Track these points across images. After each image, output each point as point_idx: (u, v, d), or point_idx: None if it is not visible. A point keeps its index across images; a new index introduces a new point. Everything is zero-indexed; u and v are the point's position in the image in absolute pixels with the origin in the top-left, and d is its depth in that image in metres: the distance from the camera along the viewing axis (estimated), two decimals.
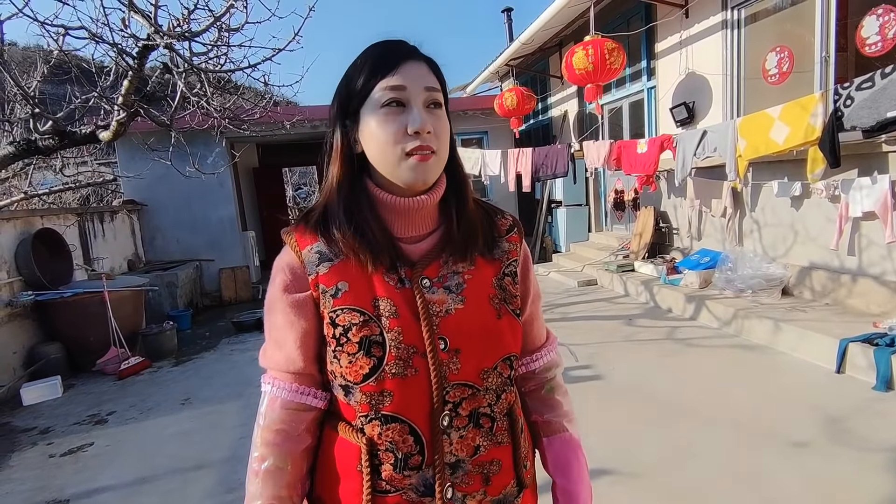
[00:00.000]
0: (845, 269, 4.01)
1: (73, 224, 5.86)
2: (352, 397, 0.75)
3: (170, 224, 8.05)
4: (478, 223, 0.82)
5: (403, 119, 0.72)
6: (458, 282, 0.77)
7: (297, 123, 6.42)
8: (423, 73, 0.75)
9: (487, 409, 0.77)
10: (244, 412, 3.61)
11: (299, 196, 19.87)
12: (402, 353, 0.72)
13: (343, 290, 0.74)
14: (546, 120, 9.25)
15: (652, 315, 5.02)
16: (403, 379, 0.72)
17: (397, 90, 0.72)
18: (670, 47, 5.81)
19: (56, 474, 2.95)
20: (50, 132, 4.19)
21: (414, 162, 0.72)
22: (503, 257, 0.83)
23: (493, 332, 0.77)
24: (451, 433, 0.74)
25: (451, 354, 0.74)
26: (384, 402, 0.73)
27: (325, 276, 0.75)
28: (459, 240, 0.79)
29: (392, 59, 0.74)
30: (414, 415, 0.73)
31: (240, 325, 6.12)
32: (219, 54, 3.56)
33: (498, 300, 0.79)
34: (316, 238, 0.77)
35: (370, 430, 0.74)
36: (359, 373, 0.72)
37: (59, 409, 3.96)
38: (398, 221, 0.78)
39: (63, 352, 4.71)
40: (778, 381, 3.28)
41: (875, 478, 2.22)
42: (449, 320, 0.74)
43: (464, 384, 0.75)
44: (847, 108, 3.47)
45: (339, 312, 0.74)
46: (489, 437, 0.77)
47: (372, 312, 0.73)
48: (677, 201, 5.97)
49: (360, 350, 0.72)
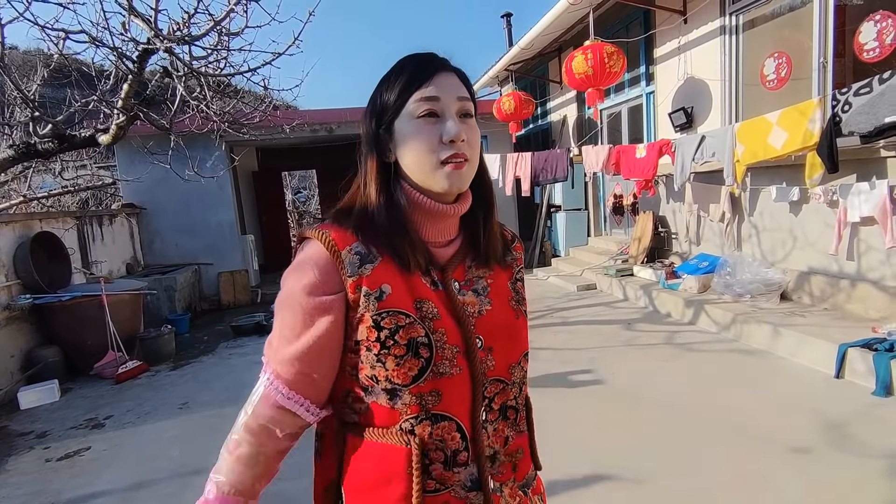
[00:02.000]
0: (844, 273, 4.02)
1: (72, 227, 5.85)
2: (398, 400, 0.74)
3: (169, 228, 8.05)
4: (498, 234, 0.88)
5: (438, 129, 0.75)
6: (483, 285, 0.83)
7: (297, 127, 6.43)
8: (455, 84, 0.78)
9: (514, 401, 0.83)
10: None
11: (298, 200, 19.87)
12: (448, 353, 0.74)
13: (387, 292, 0.74)
14: (545, 125, 9.28)
15: (651, 319, 5.01)
16: (450, 378, 0.75)
17: (432, 101, 0.75)
18: (669, 52, 5.84)
19: (52, 479, 2.93)
20: (49, 135, 4.19)
21: (449, 170, 0.75)
22: (513, 264, 0.90)
23: (516, 331, 0.84)
24: (487, 427, 0.78)
25: (487, 352, 0.79)
26: (433, 402, 0.74)
27: (368, 279, 0.73)
28: (484, 248, 0.84)
29: (426, 71, 0.77)
30: (459, 412, 0.76)
31: (238, 329, 6.11)
32: (219, 58, 3.56)
33: (515, 302, 0.86)
34: (354, 239, 0.76)
35: (420, 430, 0.74)
36: (408, 374, 0.73)
37: (56, 413, 3.94)
38: (429, 226, 0.81)
39: (61, 355, 4.69)
40: (777, 386, 3.28)
41: (876, 484, 2.21)
42: (482, 321, 0.79)
43: (497, 379, 0.80)
44: (845, 114, 3.48)
45: (384, 315, 0.73)
46: (514, 428, 0.83)
47: (415, 314, 0.74)
48: (676, 206, 5.98)
49: (409, 352, 0.72)
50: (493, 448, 0.79)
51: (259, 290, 8.47)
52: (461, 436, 0.76)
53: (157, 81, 5.01)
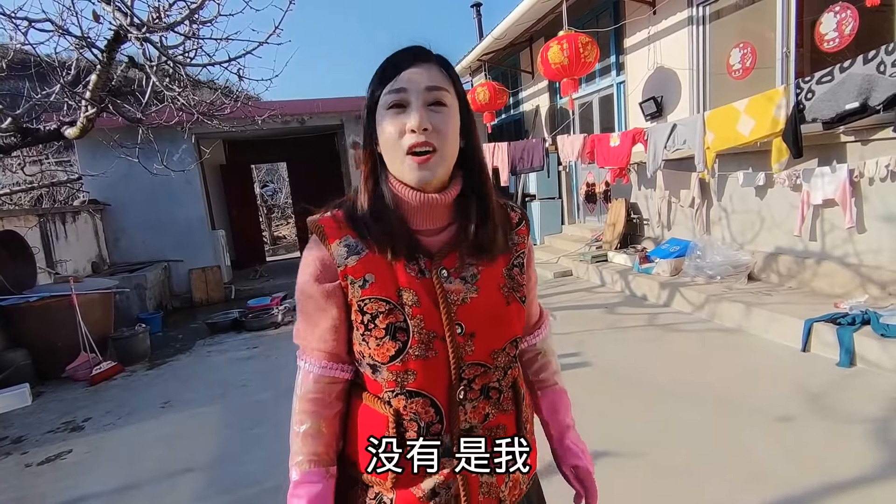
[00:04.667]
0: (809, 253, 4.24)
1: (35, 226, 5.60)
2: (379, 375, 0.83)
3: (135, 224, 7.77)
4: (499, 223, 0.88)
5: (404, 118, 0.79)
6: (472, 272, 0.85)
7: (269, 118, 6.29)
8: (428, 75, 0.81)
9: (496, 383, 0.87)
10: (229, 413, 3.54)
11: (266, 193, 19.44)
12: (424, 338, 0.80)
13: (370, 280, 0.82)
14: (518, 115, 9.36)
15: (629, 303, 5.17)
16: (425, 360, 0.81)
17: (399, 93, 0.80)
18: (639, 43, 5.98)
19: (35, 483, 2.84)
20: (11, 130, 4.00)
21: (414, 163, 0.79)
22: (513, 249, 0.91)
23: (503, 318, 0.86)
24: (465, 404, 0.84)
25: (467, 338, 0.83)
26: (408, 380, 0.82)
27: (353, 269, 0.82)
28: (480, 238, 0.85)
29: (396, 66, 0.81)
30: (434, 390, 0.82)
31: (214, 326, 5.98)
32: (193, 47, 3.46)
33: (507, 289, 0.88)
34: (344, 231, 0.84)
35: (396, 402, 0.83)
36: (385, 354, 0.81)
37: (30, 418, 3.79)
38: (415, 215, 0.85)
39: (29, 358, 4.50)
40: (751, 360, 3.45)
41: (846, 444, 2.38)
42: (465, 308, 0.83)
43: (477, 363, 0.84)
44: (808, 101, 3.67)
45: (366, 301, 0.81)
46: (496, 406, 0.88)
47: (396, 301, 0.81)
48: (648, 192, 6.16)
49: (387, 335, 0.81)
50: (470, 423, 0.85)
51: (232, 286, 8.29)
52: (435, 410, 0.83)
53: (123, 73, 4.83)
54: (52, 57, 4.55)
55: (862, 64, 3.31)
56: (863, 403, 2.72)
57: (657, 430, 2.70)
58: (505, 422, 0.89)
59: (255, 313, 6.07)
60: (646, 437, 2.64)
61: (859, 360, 3.16)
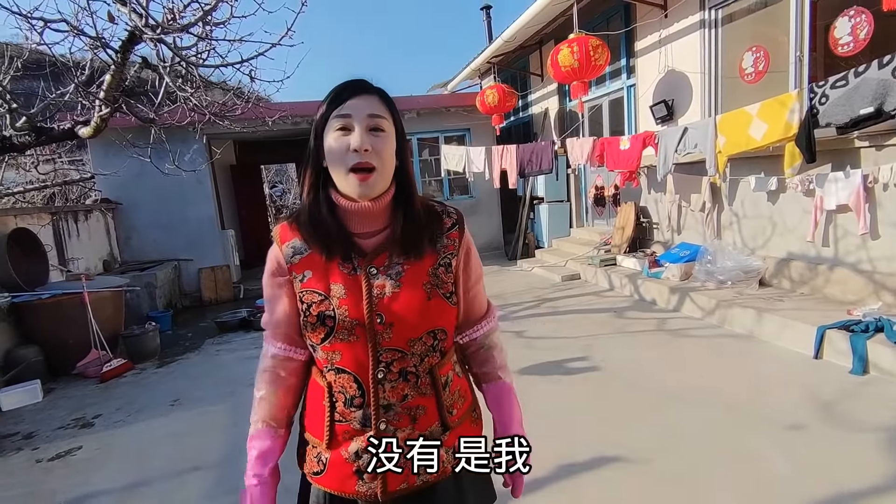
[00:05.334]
0: (822, 259, 4.19)
1: (48, 224, 5.67)
2: (316, 353, 1.02)
3: (146, 223, 7.85)
4: (422, 225, 1.01)
5: (348, 140, 0.93)
6: (398, 270, 0.98)
7: (280, 119, 6.33)
8: (369, 104, 0.95)
9: (413, 368, 0.99)
10: (237, 412, 3.56)
11: (275, 194, 19.54)
12: (347, 325, 0.95)
13: (308, 276, 0.98)
14: (527, 117, 9.35)
15: (638, 307, 5.14)
16: (349, 343, 0.96)
17: (344, 118, 0.94)
18: (650, 46, 5.95)
19: (46, 479, 2.87)
20: (26, 128, 4.05)
21: (356, 180, 0.93)
22: (441, 250, 1.03)
23: (422, 311, 0.98)
24: (385, 384, 0.97)
25: (386, 327, 0.96)
26: (335, 359, 0.98)
27: (296, 266, 1.00)
28: (405, 238, 0.99)
29: (343, 94, 0.95)
30: (356, 369, 0.97)
31: (223, 325, 6.02)
32: (207, 48, 3.49)
33: (430, 286, 1.00)
34: (293, 235, 1.01)
35: (329, 377, 1.01)
36: (318, 337, 0.98)
37: (40, 414, 3.84)
38: (353, 221, 0.99)
39: (41, 355, 4.55)
40: (762, 367, 3.42)
41: (858, 455, 2.34)
42: (385, 301, 0.96)
43: (394, 349, 0.97)
44: (822, 106, 3.63)
45: (304, 293, 0.99)
46: (415, 389, 1.00)
47: (327, 293, 0.96)
48: (658, 196, 6.12)
49: (318, 321, 0.97)
50: (389, 400, 0.98)
51: (241, 285, 8.35)
52: (357, 386, 0.98)
53: (136, 73, 4.87)
54: (66, 57, 4.62)
55: (877, 69, 3.27)
56: (876, 412, 2.68)
57: (665, 435, 2.68)
58: (425, 403, 1.01)
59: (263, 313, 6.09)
60: (653, 443, 2.61)
61: (872, 368, 3.12)
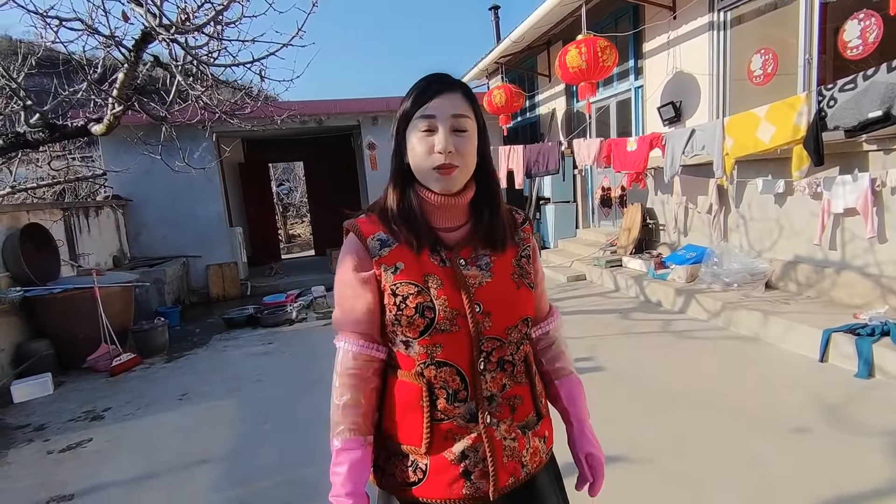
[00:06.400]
0: (829, 262, 4.18)
1: (59, 219, 5.74)
2: (411, 349, 0.97)
3: (155, 220, 7.93)
4: (504, 221, 1.05)
5: (432, 141, 0.94)
6: (486, 261, 1.00)
7: (288, 118, 6.38)
8: (453, 103, 0.95)
9: (510, 357, 1.00)
10: (244, 407, 3.61)
11: (282, 192, 19.63)
12: (448, 315, 0.94)
13: (401, 268, 0.96)
14: (534, 118, 9.35)
15: (643, 309, 5.15)
16: (450, 334, 0.94)
17: (429, 119, 0.94)
18: (658, 47, 5.95)
19: (56, 470, 2.92)
20: (40, 125, 4.11)
21: (439, 175, 0.95)
22: (520, 243, 1.07)
23: (514, 299, 1.00)
24: (485, 374, 0.97)
25: (485, 315, 0.96)
26: (437, 352, 0.95)
27: (386, 258, 0.97)
28: (488, 231, 1.02)
29: (428, 93, 0.95)
30: (459, 360, 0.95)
31: (231, 321, 6.08)
32: (219, 48, 3.53)
33: (517, 276, 1.02)
34: (377, 228, 1.00)
35: (428, 373, 0.96)
36: (416, 330, 0.94)
37: (51, 406, 3.90)
38: (437, 215, 1.01)
39: (52, 349, 4.62)
40: (767, 370, 3.42)
41: (862, 458, 2.35)
42: (481, 290, 0.97)
43: (494, 338, 0.97)
44: (830, 109, 3.62)
45: (398, 285, 0.96)
46: (511, 378, 1.00)
47: (423, 285, 0.95)
48: (664, 198, 6.11)
49: (416, 313, 0.94)
50: (491, 391, 0.97)
51: (248, 282, 8.41)
52: (461, 379, 0.96)
53: (148, 71, 4.93)
54: (79, 55, 4.69)
55: (886, 72, 3.26)
56: (881, 416, 2.68)
57: (668, 437, 2.70)
58: (521, 392, 1.02)
59: (271, 310, 6.15)
60: (657, 444, 2.63)
61: (878, 372, 3.12)
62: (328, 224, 11.16)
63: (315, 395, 3.60)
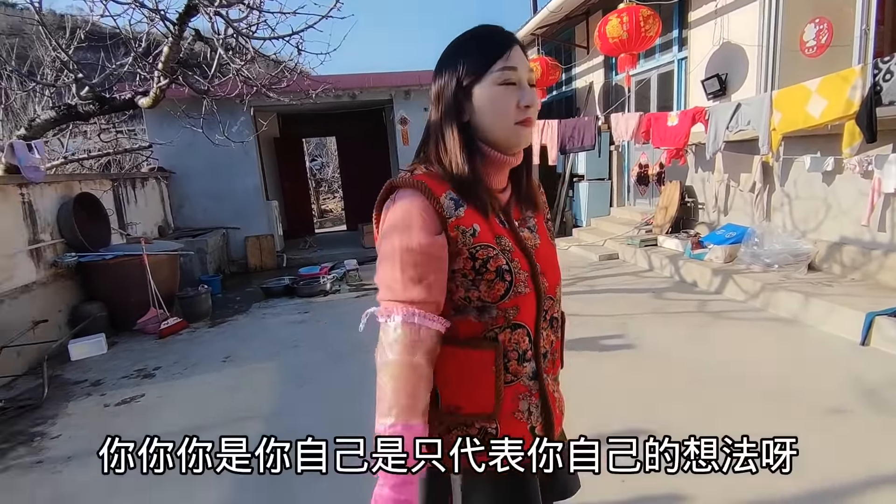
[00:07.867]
0: (876, 244, 4.02)
1: (109, 190, 6.01)
2: (486, 314, 0.93)
3: (197, 192, 8.19)
4: (537, 183, 1.08)
5: (516, 95, 0.90)
6: (532, 224, 1.03)
7: (323, 92, 6.44)
8: (523, 57, 0.93)
9: (557, 313, 1.05)
10: (282, 371, 3.78)
11: (314, 167, 19.88)
12: (521, 277, 0.94)
13: (478, 230, 0.91)
14: (570, 91, 9.15)
15: (677, 288, 5.07)
16: (524, 296, 0.94)
17: (511, 71, 0.90)
18: (705, 16, 5.70)
19: (114, 422, 3.15)
20: (90, 98, 4.29)
21: (522, 129, 0.93)
22: (543, 207, 1.11)
23: (556, 259, 1.06)
24: (543, 332, 1.00)
25: (542, 276, 0.98)
26: (512, 315, 0.94)
27: (462, 220, 0.90)
28: (530, 195, 1.05)
29: (504, 44, 0.91)
30: (528, 321, 0.97)
31: (268, 290, 6.29)
32: (258, 21, 3.59)
33: (551, 236, 1.09)
34: (446, 187, 0.91)
35: (502, 336, 0.94)
36: (496, 294, 0.91)
37: (105, 364, 4.17)
38: (494, 176, 0.97)
39: (105, 311, 4.91)
40: (805, 351, 3.35)
41: None
42: (537, 252, 0.99)
43: (550, 297, 1.01)
44: (886, 83, 3.43)
45: (478, 248, 0.90)
46: (556, 334, 1.06)
47: (497, 248, 0.92)
48: (705, 175, 5.94)
49: (497, 277, 0.91)
50: (546, 348, 1.01)
51: (284, 254, 8.65)
52: (529, 339, 0.97)
53: (189, 45, 5.06)
54: (126, 29, 4.84)
55: None
56: None
57: (699, 414, 2.70)
58: (558, 347, 1.08)
59: (306, 281, 6.33)
60: (685, 419, 2.63)
61: None
62: (359, 199, 11.28)
63: (350, 363, 3.74)
